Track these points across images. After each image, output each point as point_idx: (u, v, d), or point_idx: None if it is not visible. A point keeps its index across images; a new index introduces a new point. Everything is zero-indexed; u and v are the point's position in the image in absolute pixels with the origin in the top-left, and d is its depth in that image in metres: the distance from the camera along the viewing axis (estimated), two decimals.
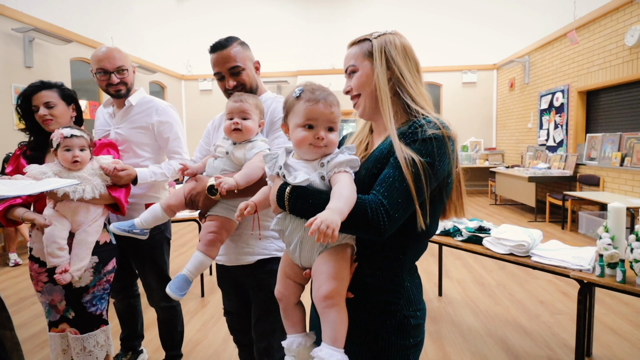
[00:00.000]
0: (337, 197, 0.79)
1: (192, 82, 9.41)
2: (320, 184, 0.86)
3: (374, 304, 0.90)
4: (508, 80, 8.03)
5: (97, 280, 1.63)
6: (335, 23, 8.83)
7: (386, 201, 0.79)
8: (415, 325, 0.91)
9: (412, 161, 0.81)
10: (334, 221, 0.72)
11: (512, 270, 3.66)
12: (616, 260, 1.72)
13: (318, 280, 0.86)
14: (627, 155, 4.85)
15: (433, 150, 0.83)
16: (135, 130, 1.85)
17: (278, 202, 0.89)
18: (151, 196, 1.91)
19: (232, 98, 1.30)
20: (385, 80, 0.91)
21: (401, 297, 0.90)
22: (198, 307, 2.99)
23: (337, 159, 0.86)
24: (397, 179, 0.81)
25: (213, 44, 1.36)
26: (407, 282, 0.92)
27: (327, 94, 0.90)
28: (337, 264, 0.86)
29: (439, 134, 0.84)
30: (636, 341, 2.37)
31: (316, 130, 0.87)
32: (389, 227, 0.79)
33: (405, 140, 0.85)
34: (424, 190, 0.82)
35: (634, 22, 4.59)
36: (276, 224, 0.94)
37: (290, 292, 0.97)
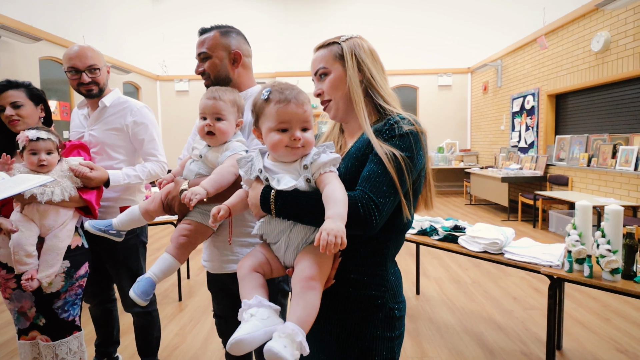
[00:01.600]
0: (334, 202, 0.80)
1: (168, 83, 9.22)
2: (306, 186, 0.86)
3: (360, 299, 0.92)
4: (482, 84, 8.27)
5: (68, 285, 1.58)
6: (313, 25, 8.86)
7: (374, 196, 0.83)
8: (399, 317, 0.95)
9: (393, 156, 0.84)
10: (339, 229, 0.75)
11: (487, 268, 3.77)
12: (583, 256, 1.80)
13: (301, 266, 0.85)
14: (593, 156, 5.08)
15: (411, 144, 0.87)
16: (109, 131, 1.80)
17: (262, 206, 0.88)
18: (126, 199, 1.86)
19: (206, 94, 1.22)
20: (357, 82, 0.95)
21: (386, 291, 0.93)
22: (175, 311, 2.93)
23: (320, 160, 0.86)
24: (381, 174, 0.84)
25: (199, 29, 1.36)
26: (391, 275, 0.95)
27: (296, 92, 0.89)
28: (320, 256, 0.86)
29: (414, 129, 0.88)
30: (604, 334, 2.49)
31: (291, 132, 0.87)
32: (379, 221, 0.83)
33: (383, 136, 0.88)
34: (406, 183, 0.86)
35: (599, 29, 4.82)
36: (259, 229, 0.93)
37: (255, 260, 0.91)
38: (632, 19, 4.31)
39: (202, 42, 1.33)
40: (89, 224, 1.30)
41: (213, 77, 1.36)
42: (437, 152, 8.79)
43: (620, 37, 4.49)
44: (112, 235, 1.30)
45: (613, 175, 4.67)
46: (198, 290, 3.35)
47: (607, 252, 1.70)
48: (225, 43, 1.34)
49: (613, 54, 4.62)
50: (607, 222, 1.75)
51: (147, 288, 1.16)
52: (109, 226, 1.29)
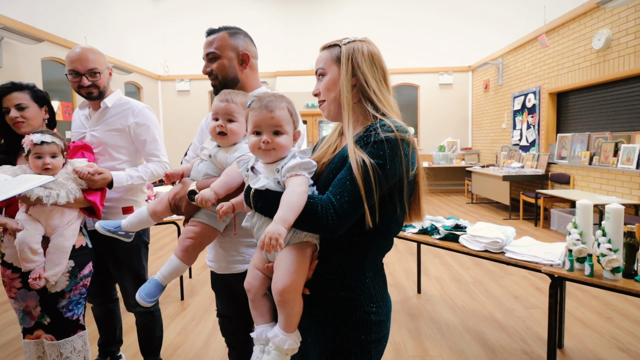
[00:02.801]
0: (282, 206, 0.85)
1: (169, 83, 9.24)
2: (277, 187, 0.91)
3: (335, 300, 0.94)
4: (483, 82, 8.26)
5: (73, 284, 1.60)
6: (314, 25, 8.86)
7: (335, 200, 0.85)
8: (377, 321, 0.94)
9: (362, 163, 0.84)
10: (277, 231, 0.80)
11: (488, 267, 3.77)
12: (584, 254, 1.81)
13: (277, 274, 0.92)
14: (595, 154, 5.07)
15: (384, 152, 0.85)
16: (111, 132, 1.81)
17: (246, 201, 0.96)
18: (129, 199, 1.88)
19: (218, 96, 1.25)
20: (349, 86, 0.95)
21: (362, 294, 0.93)
22: (178, 311, 2.95)
23: (288, 164, 0.91)
24: (348, 180, 0.85)
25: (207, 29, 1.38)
26: (369, 279, 0.95)
27: (270, 100, 0.96)
28: (295, 259, 0.91)
29: (392, 136, 0.86)
30: (605, 333, 2.49)
31: (262, 136, 0.94)
32: (338, 225, 0.84)
33: (360, 143, 0.89)
34: (373, 191, 0.85)
35: (600, 27, 4.81)
36: (246, 221, 1.01)
37: (258, 283, 1.01)
38: (633, 17, 4.30)
39: (210, 43, 1.34)
40: (99, 224, 1.32)
41: (221, 77, 1.37)
42: (438, 151, 8.79)
43: (622, 35, 4.48)
44: (121, 236, 1.33)
45: (615, 173, 4.66)
46: (200, 290, 3.37)
47: (608, 251, 1.70)
48: (234, 44, 1.35)
49: (614, 52, 4.61)
50: (607, 220, 1.76)
51: (152, 290, 1.20)
52: (117, 227, 1.31)
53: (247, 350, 1.54)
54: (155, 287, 1.22)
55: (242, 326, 1.49)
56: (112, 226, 1.31)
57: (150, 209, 1.31)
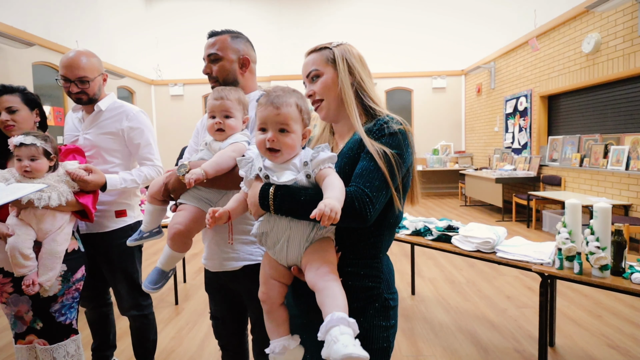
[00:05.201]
0: (332, 188, 0.85)
1: (163, 87, 9.23)
2: (307, 182, 0.91)
3: (358, 290, 0.96)
4: (475, 86, 8.35)
5: (65, 288, 1.59)
6: (308, 29, 8.91)
7: (368, 190, 0.88)
8: (394, 306, 1.01)
9: (384, 153, 0.91)
10: (335, 206, 0.79)
11: (481, 268, 3.80)
12: (573, 253, 1.84)
13: (315, 265, 0.90)
14: (585, 156, 5.15)
15: (400, 142, 0.93)
16: (105, 135, 1.80)
17: (261, 203, 0.92)
18: (122, 203, 1.87)
19: (212, 94, 1.27)
20: (349, 84, 1.01)
21: (381, 282, 0.98)
22: (172, 315, 2.94)
23: (320, 157, 0.91)
24: (373, 170, 0.90)
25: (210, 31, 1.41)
26: (385, 267, 1.00)
27: (277, 95, 0.94)
28: (327, 252, 0.92)
29: (403, 128, 0.95)
30: (595, 331, 2.52)
31: (267, 133, 0.92)
32: (373, 214, 0.89)
33: (373, 136, 0.94)
34: (397, 178, 0.92)
35: (590, 31, 4.90)
36: (259, 227, 0.96)
37: (275, 293, 0.98)
38: (621, 21, 4.39)
39: (212, 44, 1.36)
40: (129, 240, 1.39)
41: (221, 79, 1.39)
42: (432, 154, 8.84)
43: (610, 39, 4.57)
44: (151, 237, 1.37)
45: (605, 174, 4.73)
46: (194, 294, 3.36)
47: (596, 249, 1.73)
48: (235, 47, 1.38)
49: (603, 56, 4.70)
50: (596, 219, 1.79)
51: (155, 277, 1.23)
52: (140, 232, 1.36)
53: (241, 352, 1.54)
54: (158, 274, 1.23)
55: (236, 328, 1.50)
56: (137, 235, 1.37)
57: (148, 196, 1.33)
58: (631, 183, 4.35)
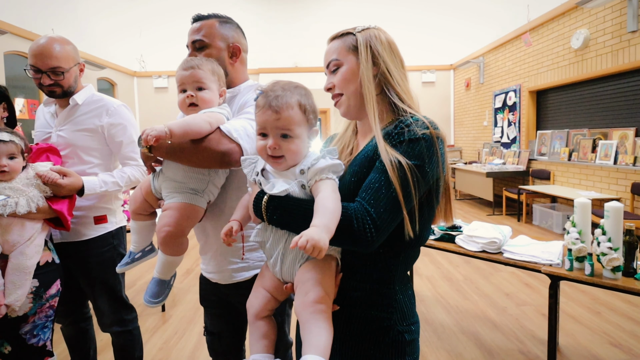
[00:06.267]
0: (322, 212, 0.72)
1: (146, 80, 8.90)
2: (301, 193, 0.79)
3: (364, 320, 0.83)
4: (464, 80, 8.35)
5: (38, 307, 1.40)
6: (297, 22, 8.72)
7: (373, 210, 0.73)
8: (410, 340, 0.85)
9: (398, 164, 0.74)
10: (320, 240, 0.66)
11: (477, 265, 3.78)
12: (584, 254, 1.79)
13: (304, 288, 0.78)
14: (574, 150, 5.19)
15: (422, 151, 0.76)
16: (82, 132, 1.61)
17: (255, 212, 0.82)
18: (102, 207, 1.67)
19: (181, 65, 1.08)
20: (370, 76, 0.86)
21: (394, 311, 0.83)
22: (159, 323, 2.76)
23: (317, 165, 0.78)
24: (383, 185, 0.75)
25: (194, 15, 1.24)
26: (400, 294, 0.85)
27: (277, 96, 0.80)
28: (322, 273, 0.79)
29: (428, 134, 0.78)
30: (596, 328, 2.51)
31: (268, 140, 0.80)
32: (376, 238, 0.73)
33: (391, 141, 0.79)
34: (412, 196, 0.75)
35: (579, 26, 4.91)
36: (256, 236, 0.86)
37: (260, 303, 0.87)
38: (610, 17, 4.40)
39: (197, 29, 1.19)
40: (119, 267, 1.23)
41: None
42: None
43: (599, 35, 4.58)
44: (144, 258, 1.23)
45: (593, 169, 4.77)
46: (182, 299, 3.19)
47: (609, 249, 1.69)
48: (224, 33, 1.21)
49: (592, 51, 4.71)
50: (607, 219, 1.74)
51: (155, 289, 1.10)
52: (130, 255, 1.21)
53: None
54: (158, 285, 1.10)
55: (233, 344, 1.36)
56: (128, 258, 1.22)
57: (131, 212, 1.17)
58: (619, 177, 4.39)
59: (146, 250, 1.22)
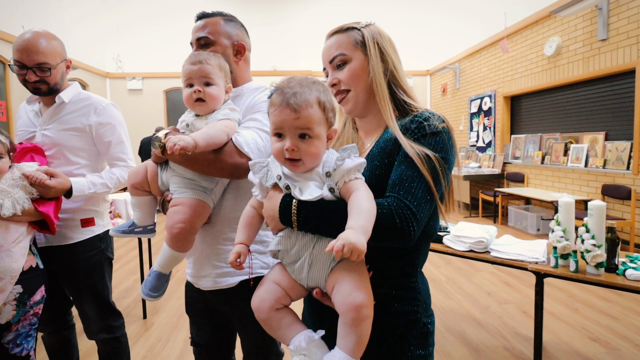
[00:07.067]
0: (358, 212, 0.69)
1: (119, 81, 8.63)
2: (331, 196, 0.76)
3: (393, 315, 0.82)
4: (441, 86, 8.55)
5: (21, 314, 1.34)
6: (275, 25, 8.70)
7: (411, 203, 0.73)
8: (432, 332, 0.87)
9: (426, 157, 0.76)
10: (358, 242, 0.64)
11: (458, 265, 3.84)
12: (569, 251, 1.84)
13: (345, 289, 0.73)
14: (547, 154, 5.40)
15: (445, 144, 0.79)
16: (68, 132, 1.55)
17: (282, 218, 0.77)
18: (89, 210, 1.62)
19: (188, 59, 1.06)
20: (381, 72, 0.86)
21: (419, 304, 0.84)
22: (141, 331, 2.65)
23: (344, 166, 0.75)
24: (415, 178, 0.75)
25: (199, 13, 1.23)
26: (421, 285, 0.87)
27: (294, 93, 0.75)
28: (360, 273, 0.76)
29: (446, 127, 0.81)
30: (575, 324, 2.60)
31: (285, 141, 0.76)
32: (417, 231, 0.74)
33: (412, 135, 0.79)
34: (442, 186, 0.78)
35: (551, 34, 5.12)
36: (279, 244, 0.80)
37: (273, 297, 0.81)
38: (581, 26, 4.62)
39: (202, 27, 1.17)
40: (113, 230, 1.19)
41: None
42: None
43: (571, 43, 4.80)
44: (141, 233, 1.18)
45: (565, 171, 4.97)
46: (164, 305, 3.08)
47: (593, 246, 1.74)
48: (229, 31, 1.19)
49: (564, 59, 4.93)
50: (590, 217, 1.80)
51: (156, 282, 1.07)
52: (132, 225, 1.17)
53: None
54: (158, 279, 1.07)
55: (221, 355, 1.32)
56: (126, 226, 1.18)
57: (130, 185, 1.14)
58: (590, 179, 4.60)
59: (148, 228, 1.19)
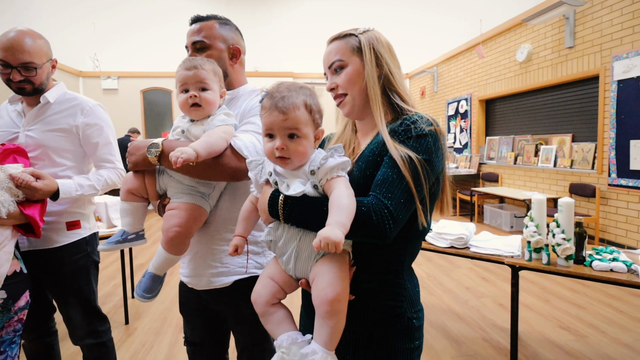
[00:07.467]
0: (337, 209, 0.75)
1: (93, 80, 8.38)
2: (314, 192, 0.81)
3: (377, 310, 0.87)
4: (419, 89, 8.77)
5: (6, 320, 1.31)
6: (257, 26, 8.69)
7: (389, 203, 0.77)
8: (418, 326, 0.91)
9: (409, 159, 0.79)
10: (336, 237, 0.69)
11: (438, 262, 3.98)
12: (541, 245, 1.98)
13: (320, 284, 0.79)
14: (519, 154, 5.65)
15: (429, 146, 0.81)
16: (54, 133, 1.52)
17: (271, 211, 0.83)
18: (74, 212, 1.59)
19: (182, 64, 1.07)
20: (375, 78, 0.90)
21: (404, 300, 0.88)
22: (123, 337, 2.58)
23: (327, 164, 0.81)
24: (396, 179, 0.79)
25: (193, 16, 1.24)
26: (408, 282, 0.91)
27: (283, 97, 0.82)
28: (338, 269, 0.81)
29: (433, 130, 0.83)
30: (547, 314, 2.76)
31: (275, 141, 0.82)
32: (394, 230, 0.77)
33: (399, 137, 0.83)
34: (423, 188, 0.81)
35: (523, 41, 5.37)
36: (267, 234, 0.88)
37: (269, 292, 0.88)
38: (550, 34, 4.87)
39: (198, 30, 1.19)
40: (104, 245, 1.14)
41: None
42: None
43: (541, 50, 5.05)
44: (134, 241, 1.16)
45: (536, 171, 5.22)
46: (147, 310, 3.02)
47: (563, 240, 1.88)
48: (224, 35, 1.22)
49: (534, 64, 5.18)
50: (560, 213, 1.94)
51: (150, 284, 1.06)
52: (124, 234, 1.14)
53: None
54: (153, 281, 1.06)
55: (215, 355, 1.34)
56: (119, 236, 1.14)
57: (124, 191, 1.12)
58: (559, 178, 4.85)
59: (139, 234, 1.17)
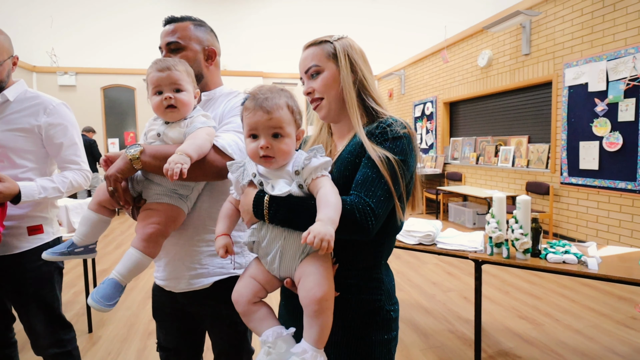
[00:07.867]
0: (325, 206, 0.78)
1: (49, 76, 7.93)
2: (299, 192, 0.84)
3: (358, 304, 0.91)
4: (387, 91, 8.98)
5: None
6: (226, 26, 8.56)
7: (370, 201, 0.81)
8: (395, 318, 0.96)
9: (387, 159, 0.84)
10: (327, 232, 0.73)
11: (406, 259, 4.12)
12: (501, 240, 2.11)
13: (307, 283, 0.82)
14: (480, 155, 5.93)
15: (404, 148, 0.87)
16: (14, 133, 1.45)
17: (255, 211, 0.85)
18: (36, 216, 1.53)
19: (154, 66, 1.04)
20: (351, 83, 0.94)
21: (383, 293, 0.93)
22: (87, 346, 2.45)
23: (311, 164, 0.84)
24: (375, 178, 0.84)
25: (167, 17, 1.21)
26: (385, 277, 0.96)
27: (266, 97, 0.85)
28: (323, 268, 0.84)
29: (407, 132, 0.89)
30: (507, 305, 2.94)
31: (259, 141, 0.85)
32: (376, 226, 0.82)
33: (376, 139, 0.88)
34: (400, 186, 0.86)
35: (484, 47, 5.65)
36: (251, 236, 0.89)
37: (250, 291, 0.89)
38: (509, 41, 5.15)
39: (172, 31, 1.17)
40: (48, 253, 1.05)
41: None
42: None
43: (500, 56, 5.33)
44: (82, 254, 1.08)
45: (496, 171, 5.51)
46: (112, 317, 2.89)
47: (521, 235, 2.02)
48: (199, 36, 1.21)
49: (494, 70, 5.46)
50: (518, 210, 2.08)
51: (110, 291, 0.95)
52: (71, 246, 1.06)
53: None
54: (114, 288, 0.97)
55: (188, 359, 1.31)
56: (65, 247, 1.05)
57: (94, 203, 1.07)
58: (516, 177, 5.14)
59: (89, 247, 1.10)
